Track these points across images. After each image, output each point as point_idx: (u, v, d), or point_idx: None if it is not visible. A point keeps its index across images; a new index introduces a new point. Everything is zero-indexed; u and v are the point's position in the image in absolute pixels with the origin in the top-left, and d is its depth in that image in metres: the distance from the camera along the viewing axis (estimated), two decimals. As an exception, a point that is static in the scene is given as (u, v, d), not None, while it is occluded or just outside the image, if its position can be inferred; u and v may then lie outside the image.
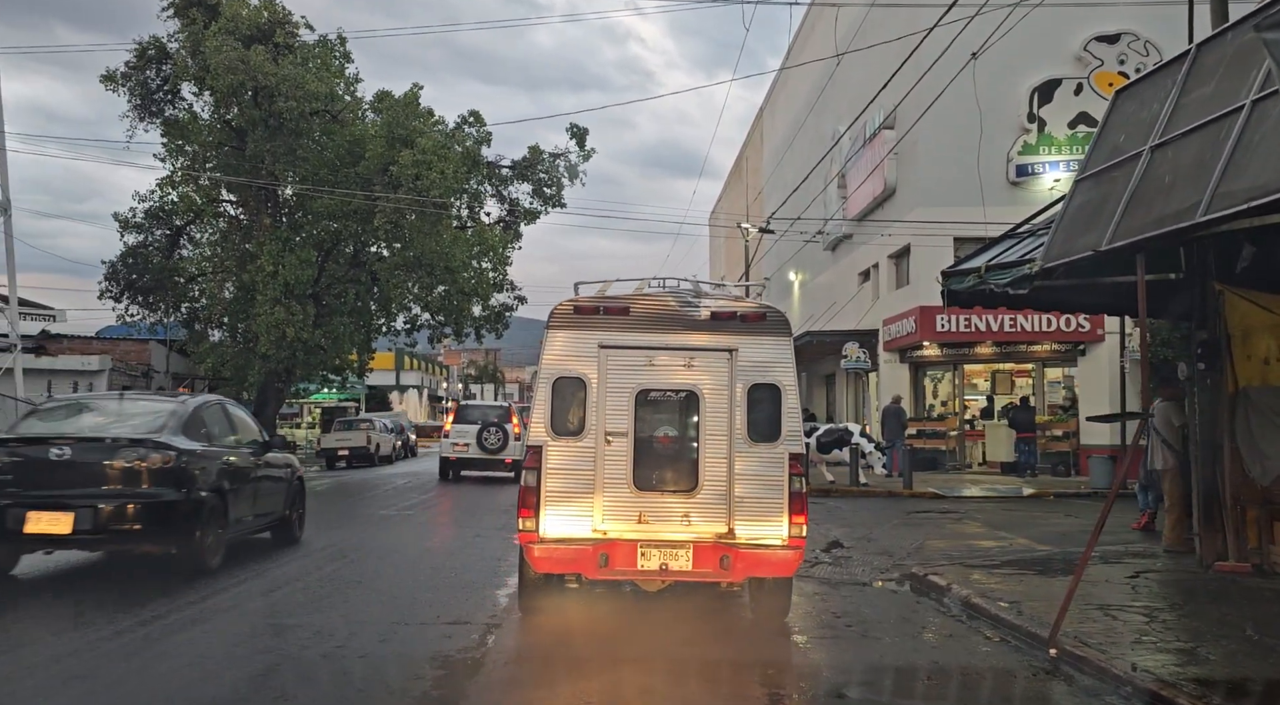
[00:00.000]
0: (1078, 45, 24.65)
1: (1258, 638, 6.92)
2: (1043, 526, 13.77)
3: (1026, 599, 8.24)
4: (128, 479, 8.75)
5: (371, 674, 6.14)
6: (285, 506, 11.57)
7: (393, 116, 27.04)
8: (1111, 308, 13.10)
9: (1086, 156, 8.65)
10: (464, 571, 10.10)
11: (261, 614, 7.92)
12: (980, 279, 9.85)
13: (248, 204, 28.75)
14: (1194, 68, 7.46)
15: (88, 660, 6.32)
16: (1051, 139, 24.84)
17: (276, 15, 26.49)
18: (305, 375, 31.27)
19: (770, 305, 7.88)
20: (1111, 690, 5.89)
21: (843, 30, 27.98)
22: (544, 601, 7.89)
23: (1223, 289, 9.39)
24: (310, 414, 50.69)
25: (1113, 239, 7.19)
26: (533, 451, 7.35)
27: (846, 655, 6.95)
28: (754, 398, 7.40)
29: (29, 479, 8.71)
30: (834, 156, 29.06)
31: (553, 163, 30.18)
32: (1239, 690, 5.76)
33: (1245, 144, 6.22)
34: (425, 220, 26.12)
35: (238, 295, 28.21)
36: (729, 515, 7.31)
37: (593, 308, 7.49)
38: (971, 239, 20.45)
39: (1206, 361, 9.57)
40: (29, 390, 23.85)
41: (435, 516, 15.97)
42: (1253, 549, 9.39)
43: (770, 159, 44.98)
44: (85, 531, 8.50)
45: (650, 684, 6.07)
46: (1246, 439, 9.25)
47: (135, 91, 27.14)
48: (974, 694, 6.19)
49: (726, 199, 58.56)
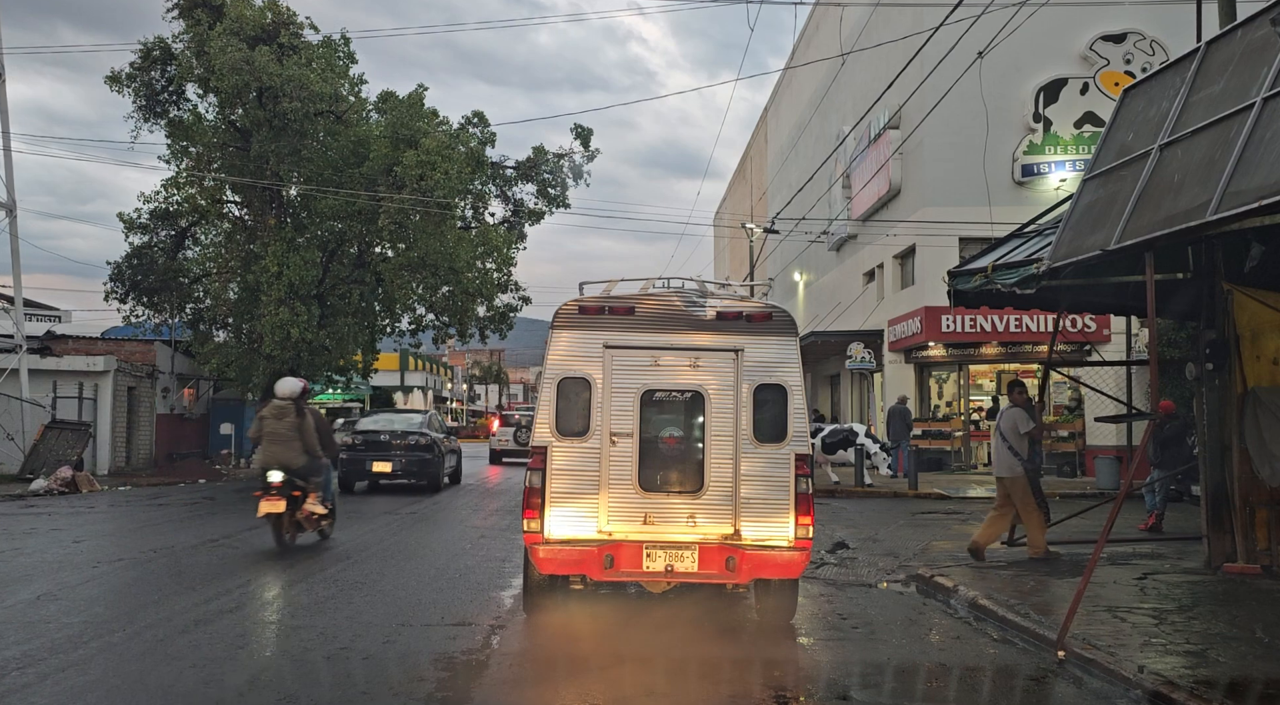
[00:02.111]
0: (1083, 44, 24.58)
1: (1268, 640, 6.87)
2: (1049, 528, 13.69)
3: (1033, 600, 8.19)
4: (411, 448, 20.14)
5: (376, 675, 6.12)
6: (456, 463, 23.06)
7: (397, 117, 27.05)
8: (1118, 307, 13.04)
9: (1094, 155, 8.60)
10: (469, 573, 10.08)
11: (265, 615, 7.90)
12: (987, 279, 9.81)
13: (252, 204, 28.76)
14: (1203, 65, 7.41)
15: (93, 661, 6.31)
16: (1057, 139, 24.77)
17: (281, 16, 26.50)
18: (310, 376, 31.21)
19: (776, 305, 7.84)
20: (1120, 693, 5.85)
21: (847, 30, 27.94)
22: (549, 603, 7.86)
23: (1231, 288, 9.33)
24: (314, 414, 50.69)
25: (1121, 238, 7.14)
26: (538, 452, 7.32)
27: (852, 657, 6.91)
28: (760, 398, 7.36)
29: (371, 447, 20.02)
30: (839, 156, 29.03)
31: (557, 163, 30.18)
32: (1249, 693, 5.71)
33: (1256, 142, 6.17)
34: (430, 221, 26.13)
35: (242, 296, 28.23)
36: (735, 516, 7.27)
37: (598, 308, 7.46)
38: (977, 239, 20.41)
39: (1215, 361, 9.51)
40: (34, 391, 23.89)
41: (440, 517, 15.95)
42: (1262, 550, 9.34)
43: (775, 159, 44.93)
44: (397, 472, 19.93)
45: (655, 685, 6.03)
46: (1255, 439, 9.18)
47: (140, 92, 27.19)
48: (981, 696, 6.15)
49: (731, 199, 58.53)
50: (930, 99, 19.71)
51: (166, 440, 30.04)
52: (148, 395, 28.88)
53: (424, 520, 15.57)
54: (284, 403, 11.47)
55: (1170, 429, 13.10)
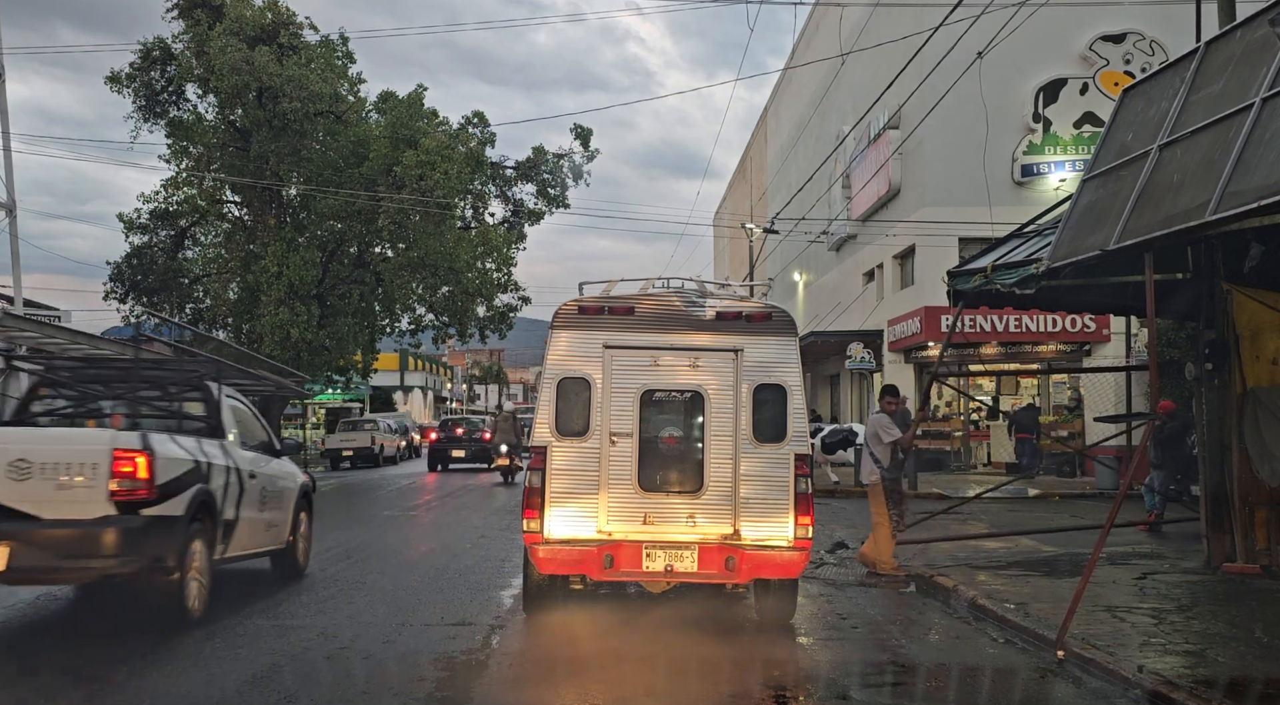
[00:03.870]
0: (1083, 45, 24.57)
1: (1267, 640, 6.87)
2: (1049, 527, 13.71)
3: (1033, 600, 8.19)
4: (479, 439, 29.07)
5: (376, 675, 6.12)
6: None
7: (397, 117, 27.05)
8: (1118, 307, 13.04)
9: (1094, 155, 8.61)
10: (468, 572, 10.08)
11: (265, 615, 7.89)
12: (986, 279, 9.80)
13: (252, 205, 28.77)
14: (1203, 66, 7.41)
15: (94, 662, 6.31)
16: (1057, 139, 24.76)
17: (281, 16, 26.51)
18: (310, 376, 31.23)
19: (775, 305, 7.85)
20: (1120, 692, 5.85)
21: (847, 30, 27.93)
22: (549, 603, 7.86)
23: (1231, 288, 9.33)
24: (315, 415, 50.71)
25: (1120, 238, 7.15)
26: (537, 452, 7.33)
27: (852, 657, 6.91)
28: (759, 398, 7.36)
29: (451, 438, 29.97)
30: (839, 156, 29.01)
31: (556, 163, 30.18)
32: (1248, 693, 5.71)
33: (1255, 142, 6.18)
34: (429, 221, 26.13)
35: (242, 296, 28.24)
36: (734, 516, 7.27)
37: (597, 308, 7.47)
38: (977, 239, 20.38)
39: (1214, 362, 9.51)
40: (34, 391, 23.84)
41: (439, 517, 15.95)
42: (1261, 550, 9.33)
43: (775, 159, 44.93)
44: (469, 457, 28.91)
45: (655, 685, 6.04)
46: (1255, 439, 9.18)
47: (140, 92, 27.19)
48: (981, 696, 6.15)
49: (731, 199, 58.52)
50: (930, 99, 19.69)
51: (166, 440, 29.95)
52: (147, 395, 28.80)
53: (424, 520, 15.59)
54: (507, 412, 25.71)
55: (1170, 429, 13.09)
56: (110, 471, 6.68)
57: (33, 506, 6.60)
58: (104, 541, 6.64)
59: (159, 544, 6.91)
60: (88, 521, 6.62)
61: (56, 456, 6.75)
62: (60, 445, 7.00)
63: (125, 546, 6.69)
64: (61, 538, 6.64)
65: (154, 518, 6.84)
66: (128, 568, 6.79)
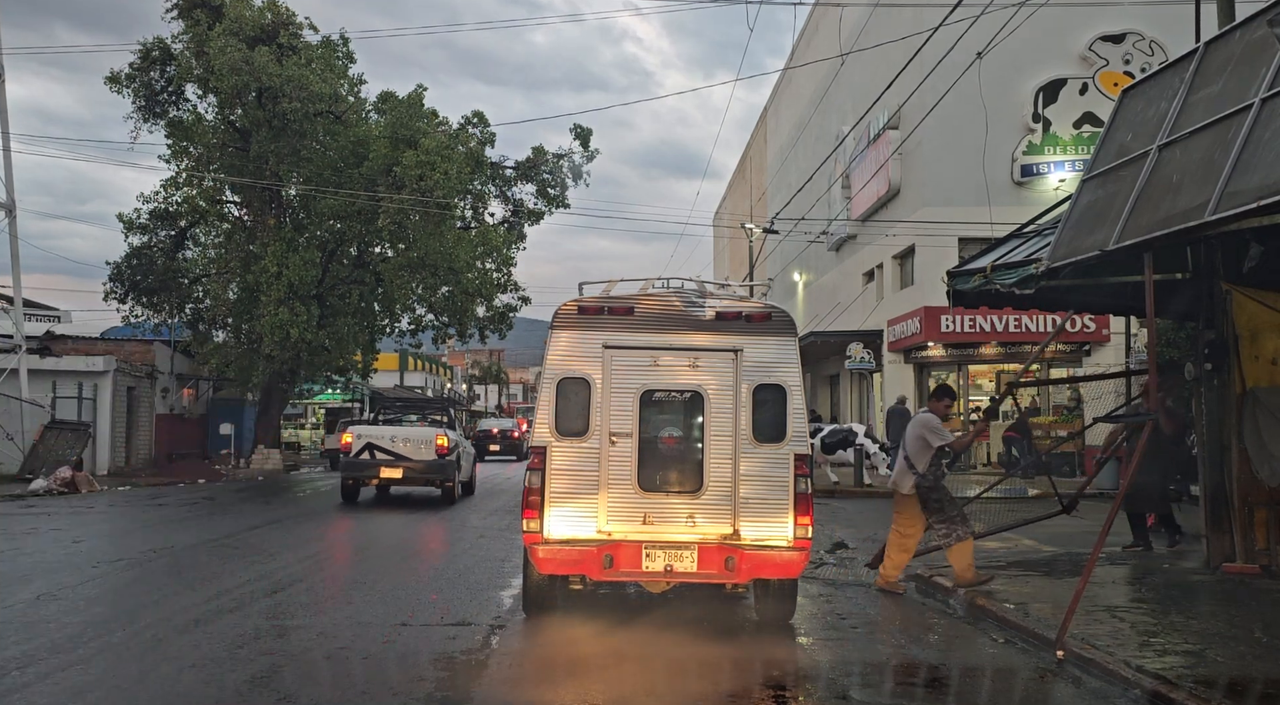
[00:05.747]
0: (1083, 45, 24.60)
1: (1267, 640, 6.87)
2: (1048, 527, 13.69)
3: (1033, 600, 8.20)
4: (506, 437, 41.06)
5: (375, 675, 6.12)
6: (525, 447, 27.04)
7: (396, 117, 27.05)
8: (1118, 308, 13.04)
9: (1093, 155, 8.60)
10: (468, 572, 10.08)
11: (265, 615, 7.89)
12: (986, 279, 9.80)
13: (252, 205, 28.78)
14: (1202, 66, 7.41)
15: (93, 662, 6.31)
16: (1056, 139, 24.78)
17: (280, 16, 26.52)
18: (309, 376, 31.30)
19: (775, 305, 7.85)
20: (1119, 693, 5.85)
21: (847, 30, 27.95)
22: (548, 603, 7.86)
23: (1230, 289, 9.33)
24: (314, 415, 50.72)
25: (1120, 238, 7.14)
26: (537, 452, 7.33)
27: (852, 657, 6.91)
28: (759, 398, 7.36)
29: (486, 438, 39.89)
30: (838, 157, 29.02)
31: (556, 163, 30.19)
32: (1248, 693, 5.71)
33: (1254, 142, 6.18)
34: (429, 221, 26.13)
35: (242, 296, 28.24)
36: (734, 516, 7.27)
37: (597, 308, 7.47)
38: (976, 239, 20.40)
39: (1213, 362, 9.51)
40: (33, 391, 23.88)
41: (439, 517, 15.96)
42: (1261, 550, 9.34)
43: (774, 159, 44.93)
44: (500, 451, 39.49)
45: (655, 685, 6.04)
46: (1254, 440, 9.19)
47: (139, 93, 27.23)
48: (980, 696, 6.15)
49: (730, 199, 58.52)
50: (930, 99, 19.71)
51: (166, 440, 30.04)
52: (147, 395, 28.88)
53: (423, 520, 15.59)
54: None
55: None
56: (435, 441, 17.63)
57: (409, 452, 17.49)
58: (434, 467, 17.52)
59: (448, 469, 17.72)
60: (429, 460, 17.51)
61: (417, 436, 17.90)
62: (417, 431, 18.34)
63: (438, 470, 17.56)
64: (419, 466, 17.49)
65: (446, 460, 17.59)
66: (438, 477, 17.63)
